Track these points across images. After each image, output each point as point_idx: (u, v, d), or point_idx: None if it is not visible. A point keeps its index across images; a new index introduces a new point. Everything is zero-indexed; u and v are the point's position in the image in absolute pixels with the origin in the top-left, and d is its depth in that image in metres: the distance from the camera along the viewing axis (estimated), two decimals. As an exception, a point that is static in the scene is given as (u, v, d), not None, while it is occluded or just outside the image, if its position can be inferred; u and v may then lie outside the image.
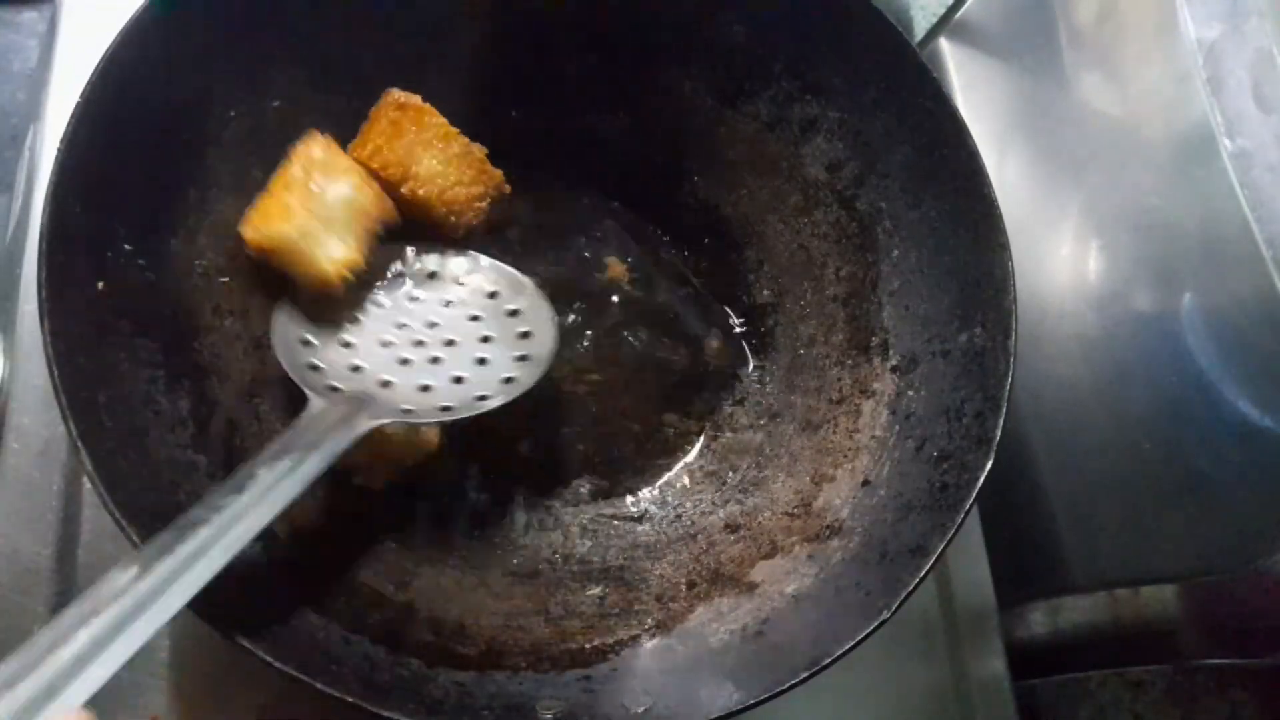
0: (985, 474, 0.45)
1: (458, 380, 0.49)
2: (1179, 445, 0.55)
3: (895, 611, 0.42)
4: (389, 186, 0.51)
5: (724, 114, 0.59)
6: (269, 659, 0.37)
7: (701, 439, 0.59)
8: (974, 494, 0.45)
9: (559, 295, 0.60)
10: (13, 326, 0.55)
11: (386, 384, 0.48)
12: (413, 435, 0.50)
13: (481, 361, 0.50)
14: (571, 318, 0.60)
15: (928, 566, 0.43)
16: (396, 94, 0.52)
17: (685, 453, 0.59)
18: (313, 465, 0.40)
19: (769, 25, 0.55)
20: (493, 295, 0.53)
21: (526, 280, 0.54)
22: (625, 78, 0.59)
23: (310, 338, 0.48)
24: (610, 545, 0.55)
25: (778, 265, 0.61)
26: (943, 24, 0.75)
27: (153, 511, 0.40)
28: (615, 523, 0.56)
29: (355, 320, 0.50)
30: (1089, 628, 0.61)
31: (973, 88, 0.72)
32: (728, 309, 0.62)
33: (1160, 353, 0.56)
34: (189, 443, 0.45)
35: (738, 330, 0.62)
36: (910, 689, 0.57)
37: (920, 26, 0.78)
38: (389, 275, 0.52)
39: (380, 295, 0.51)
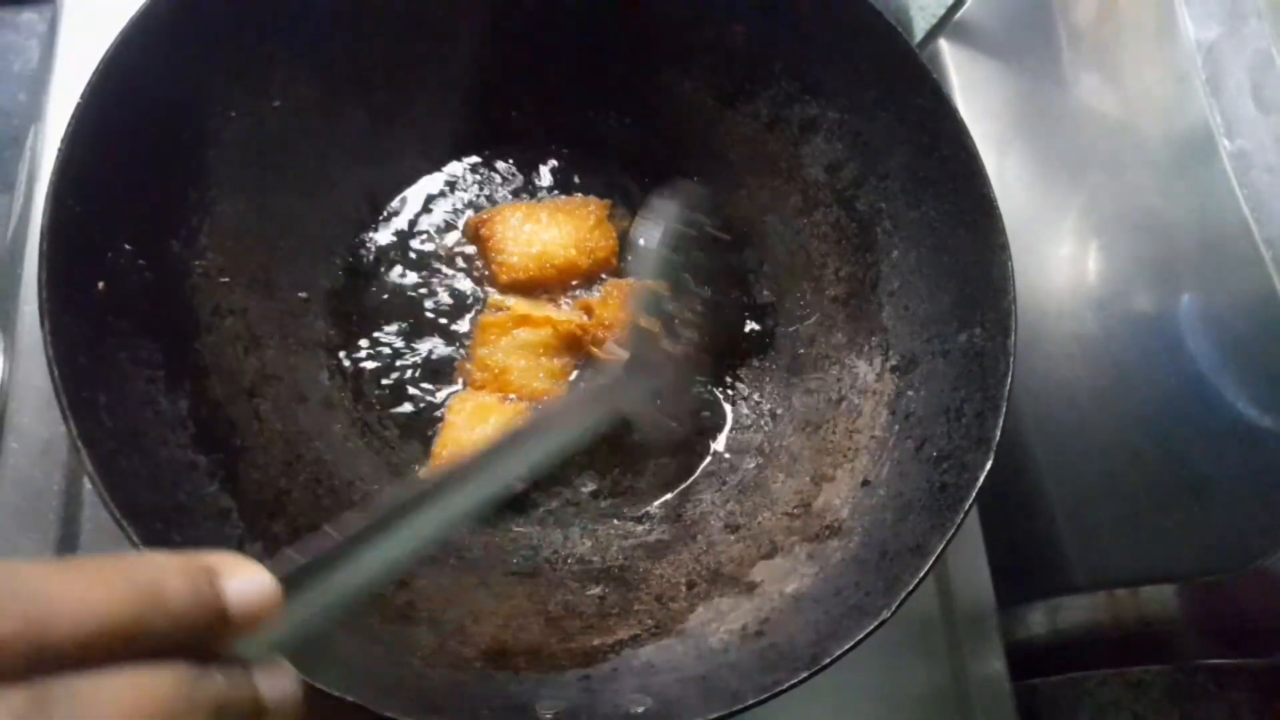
0: (985, 474, 0.45)
1: None
2: (1178, 445, 0.55)
3: (895, 611, 0.42)
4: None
5: (724, 114, 0.59)
6: (269, 658, 0.37)
7: (702, 439, 0.59)
8: (973, 494, 0.45)
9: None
10: (13, 326, 0.55)
11: None
12: None
13: None
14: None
15: (927, 566, 0.43)
16: (476, 221, 0.59)
17: (685, 453, 0.59)
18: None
19: (769, 26, 0.55)
20: None
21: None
22: (625, 78, 0.59)
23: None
24: (610, 545, 0.55)
25: (778, 265, 0.61)
26: (942, 25, 0.75)
27: (152, 511, 0.41)
28: (615, 523, 0.56)
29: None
30: (1088, 628, 0.61)
31: (972, 88, 0.72)
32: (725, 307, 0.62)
33: (1159, 353, 0.56)
34: (189, 443, 0.45)
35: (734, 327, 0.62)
36: (910, 689, 0.57)
37: (920, 27, 0.78)
38: None
39: None
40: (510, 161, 0.62)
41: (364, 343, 0.57)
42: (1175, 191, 0.55)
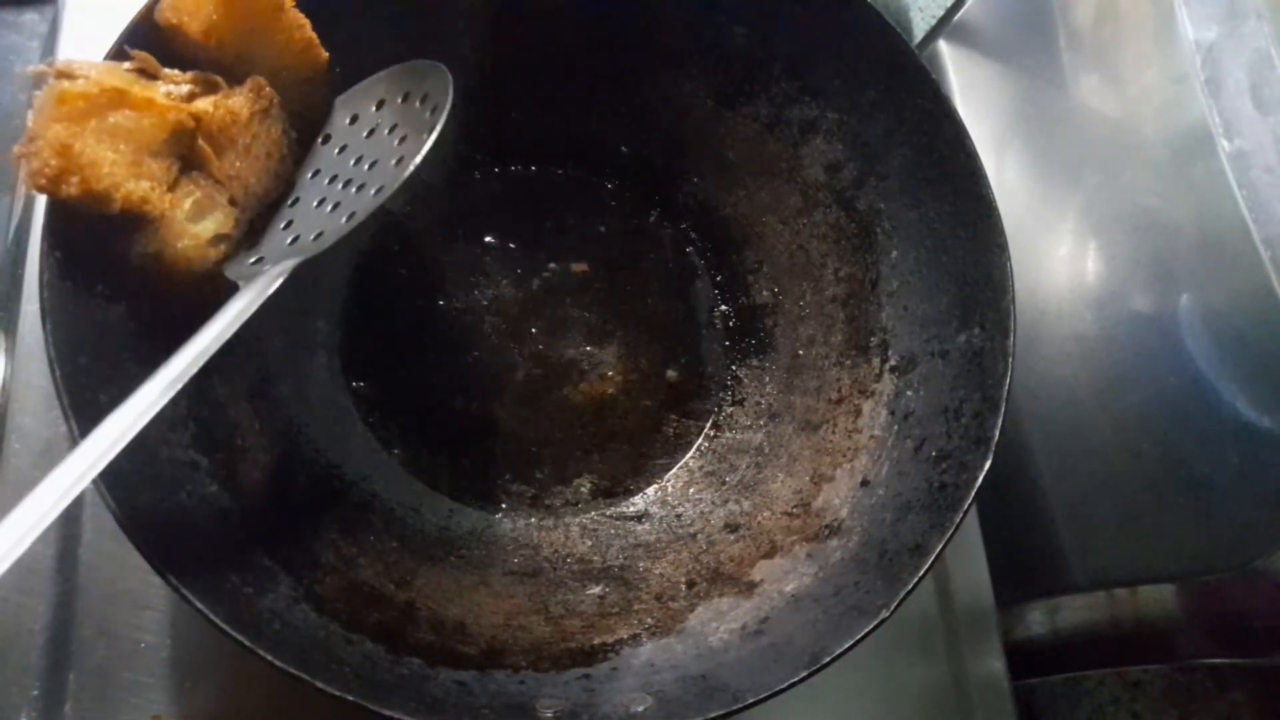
0: (984, 473, 0.45)
1: (362, 189, 0.45)
2: (1177, 445, 0.56)
3: (894, 610, 0.42)
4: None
5: (723, 115, 0.60)
6: (271, 658, 0.37)
7: (701, 439, 0.59)
8: (972, 493, 0.45)
9: (559, 296, 0.61)
10: (15, 327, 0.55)
11: (319, 235, 0.44)
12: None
13: (395, 160, 0.45)
14: (572, 318, 0.60)
15: (926, 566, 0.43)
16: None
17: (685, 453, 0.59)
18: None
19: (768, 27, 0.56)
20: (405, 97, 0.47)
21: (426, 62, 0.47)
22: (625, 79, 0.59)
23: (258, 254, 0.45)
24: (610, 545, 0.55)
25: (777, 266, 0.61)
26: (941, 26, 0.75)
27: (154, 512, 0.41)
28: (615, 522, 0.56)
29: (294, 201, 0.46)
30: (1087, 627, 0.61)
31: (971, 89, 0.72)
32: (725, 308, 0.63)
33: (1158, 353, 0.56)
34: (190, 443, 0.45)
35: (734, 328, 0.62)
36: (909, 688, 0.58)
37: (919, 28, 0.78)
38: (319, 142, 0.48)
39: (313, 164, 0.47)
40: (509, 162, 0.63)
41: (367, 344, 0.57)
42: (1174, 192, 0.55)
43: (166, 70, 0.42)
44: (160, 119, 0.40)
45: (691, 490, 0.58)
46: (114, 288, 0.43)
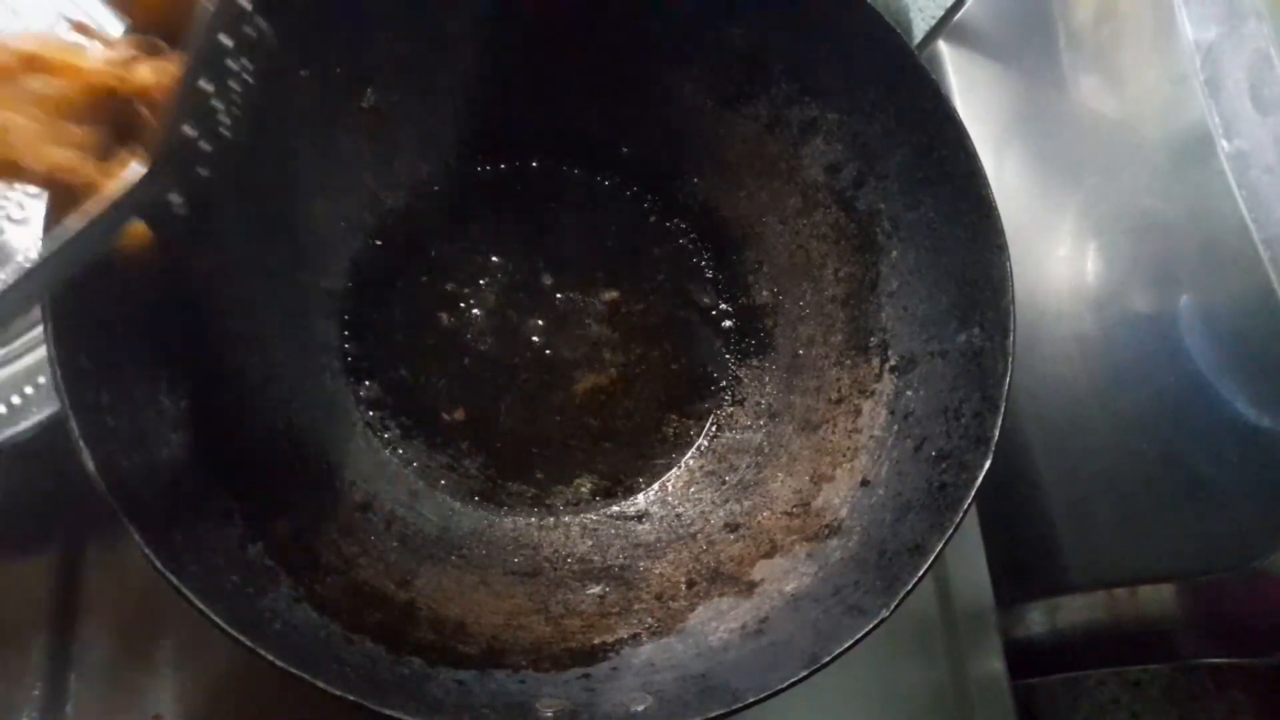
0: (984, 473, 0.45)
1: None
2: (1177, 445, 0.56)
3: (894, 610, 0.42)
4: None
5: (723, 115, 0.60)
6: (272, 658, 0.37)
7: (701, 439, 0.59)
8: (972, 493, 0.45)
9: (559, 295, 0.61)
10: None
11: None
12: None
13: None
14: (572, 318, 0.60)
15: (926, 565, 0.43)
16: None
17: (685, 453, 0.59)
18: None
19: (768, 27, 0.56)
20: None
21: None
22: (625, 79, 0.59)
23: None
24: (610, 545, 0.55)
25: (777, 266, 0.61)
26: (941, 26, 0.75)
27: (154, 511, 0.41)
28: (615, 522, 0.56)
29: None
30: (1087, 627, 0.61)
31: (971, 89, 0.72)
32: (726, 308, 0.63)
33: (1158, 353, 0.56)
34: (190, 443, 0.45)
35: (733, 328, 0.62)
36: (909, 688, 0.58)
37: (919, 28, 0.79)
38: None
39: None
40: (508, 162, 0.63)
41: (367, 344, 0.57)
42: (1173, 192, 0.55)
43: (105, 34, 0.39)
44: (82, 83, 0.37)
45: (691, 490, 0.58)
46: (115, 288, 0.43)
